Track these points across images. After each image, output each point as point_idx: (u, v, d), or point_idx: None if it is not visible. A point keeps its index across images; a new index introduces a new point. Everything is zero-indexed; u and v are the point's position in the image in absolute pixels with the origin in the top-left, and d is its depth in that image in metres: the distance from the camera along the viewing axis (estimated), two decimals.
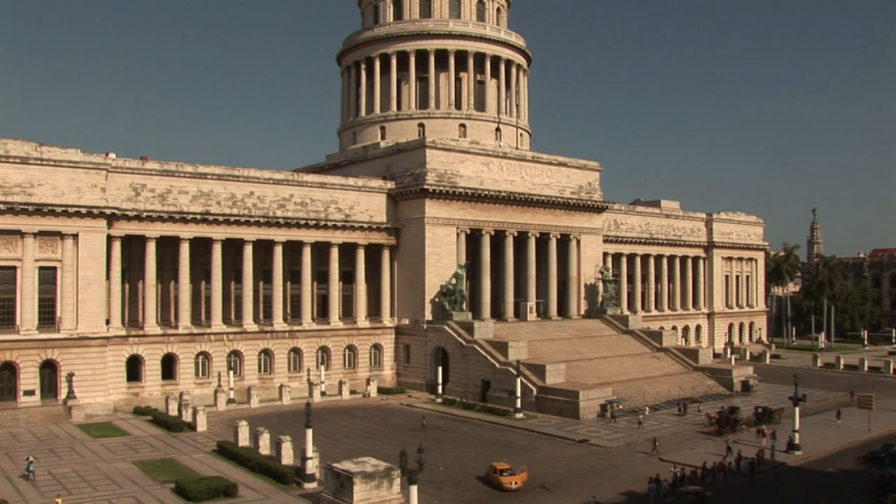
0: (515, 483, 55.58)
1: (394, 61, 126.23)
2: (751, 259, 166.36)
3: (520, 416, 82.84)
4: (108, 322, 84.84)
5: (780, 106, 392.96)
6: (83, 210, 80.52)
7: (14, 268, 78.73)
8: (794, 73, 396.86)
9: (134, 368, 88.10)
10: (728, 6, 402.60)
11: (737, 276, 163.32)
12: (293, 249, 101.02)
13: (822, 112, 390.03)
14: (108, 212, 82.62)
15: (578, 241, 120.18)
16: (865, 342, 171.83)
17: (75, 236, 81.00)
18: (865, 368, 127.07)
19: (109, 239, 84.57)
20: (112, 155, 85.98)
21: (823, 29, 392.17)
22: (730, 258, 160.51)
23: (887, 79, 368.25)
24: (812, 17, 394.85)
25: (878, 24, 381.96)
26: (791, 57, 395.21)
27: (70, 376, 79.25)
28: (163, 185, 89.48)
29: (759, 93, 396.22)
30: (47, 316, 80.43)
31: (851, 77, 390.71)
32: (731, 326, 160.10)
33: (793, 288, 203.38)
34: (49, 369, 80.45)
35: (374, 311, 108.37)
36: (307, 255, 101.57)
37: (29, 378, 78.93)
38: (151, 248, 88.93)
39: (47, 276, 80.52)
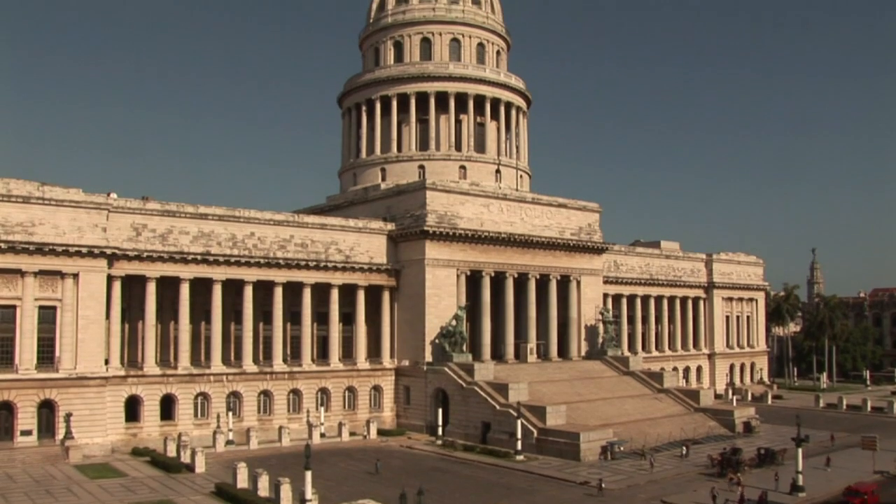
0: None
1: (394, 103, 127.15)
2: (751, 299, 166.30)
3: (520, 458, 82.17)
4: (107, 362, 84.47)
5: (780, 146, 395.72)
6: (84, 249, 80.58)
7: (14, 307, 78.56)
8: (792, 112, 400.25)
9: (132, 409, 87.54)
10: (726, 47, 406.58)
11: (737, 317, 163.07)
12: (293, 290, 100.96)
13: (822, 152, 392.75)
14: (108, 251, 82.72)
15: (579, 283, 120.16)
16: (868, 382, 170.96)
17: (76, 276, 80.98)
18: (868, 409, 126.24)
19: (110, 279, 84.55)
20: (114, 195, 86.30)
21: (821, 68, 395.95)
22: (730, 298, 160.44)
23: (886, 118, 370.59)
24: (810, 56, 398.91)
25: (875, 61, 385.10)
26: (789, 96, 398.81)
27: (68, 416, 78.65)
28: (164, 226, 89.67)
29: (758, 133, 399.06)
30: (46, 355, 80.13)
31: (850, 116, 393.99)
32: (732, 367, 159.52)
33: (794, 328, 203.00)
34: (47, 409, 79.94)
35: (374, 352, 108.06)
36: (307, 296, 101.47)
37: (27, 418, 78.40)
38: (152, 288, 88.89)
39: (47, 316, 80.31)
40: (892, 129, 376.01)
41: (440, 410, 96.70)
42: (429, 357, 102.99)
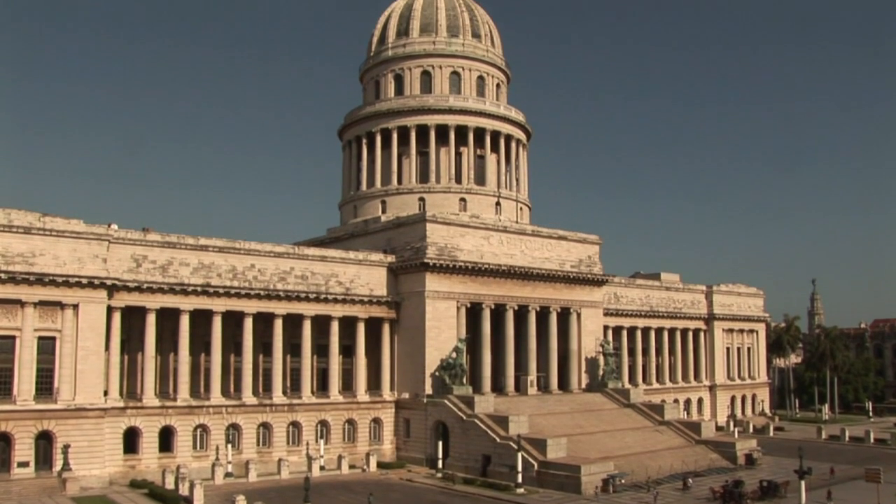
0: None
1: (395, 136, 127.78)
2: (751, 331, 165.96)
3: (521, 490, 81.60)
4: (106, 393, 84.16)
5: (779, 177, 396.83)
6: (84, 280, 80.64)
7: (13, 337, 78.44)
8: (791, 143, 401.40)
9: (131, 440, 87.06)
10: (724, 78, 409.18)
11: (738, 348, 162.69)
12: (293, 322, 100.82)
13: (821, 182, 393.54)
14: (108, 282, 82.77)
15: (579, 315, 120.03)
16: (870, 414, 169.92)
17: (76, 306, 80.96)
18: (871, 440, 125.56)
19: (110, 309, 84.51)
20: (114, 226, 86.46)
21: (818, 100, 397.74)
22: (730, 330, 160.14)
23: (886, 149, 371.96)
24: (808, 87, 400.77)
25: (873, 92, 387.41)
26: (787, 127, 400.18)
27: (66, 448, 78.22)
28: (164, 257, 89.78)
29: (757, 164, 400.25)
30: (45, 386, 79.85)
31: (849, 147, 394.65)
32: (733, 399, 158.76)
33: (794, 359, 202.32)
34: (44, 440, 79.46)
35: (373, 384, 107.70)
36: (307, 328, 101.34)
37: (24, 449, 77.93)
38: (151, 320, 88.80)
39: (46, 346, 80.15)
40: (891, 158, 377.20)
41: (440, 443, 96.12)
42: (429, 389, 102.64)
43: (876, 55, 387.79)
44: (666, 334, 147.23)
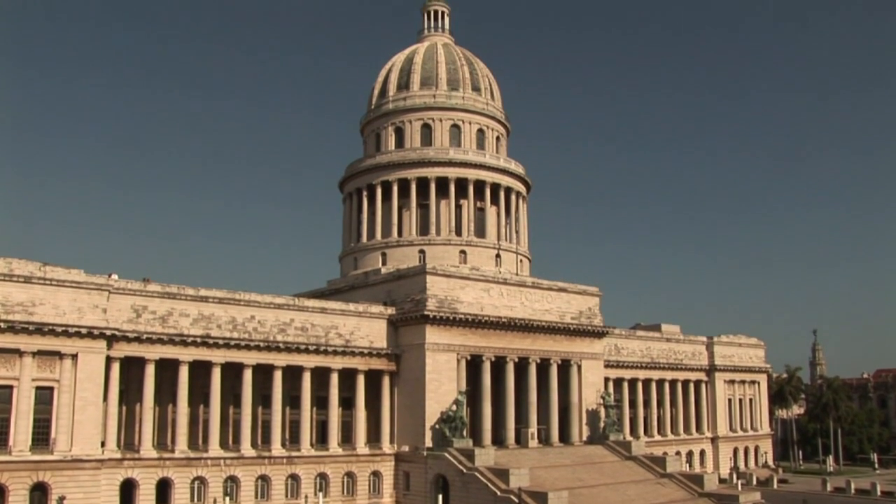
0: None
1: (395, 188, 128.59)
2: (753, 382, 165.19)
3: None
4: (103, 444, 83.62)
5: (778, 228, 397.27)
6: (84, 330, 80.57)
7: (10, 387, 77.99)
8: (790, 194, 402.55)
9: (128, 492, 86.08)
10: (723, 129, 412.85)
11: (739, 400, 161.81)
12: (293, 374, 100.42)
13: (821, 233, 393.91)
14: (108, 333, 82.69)
15: (579, 367, 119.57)
16: (876, 465, 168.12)
17: (74, 356, 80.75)
18: (878, 493, 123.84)
19: (108, 360, 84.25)
20: (115, 276, 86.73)
21: (816, 151, 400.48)
22: (732, 381, 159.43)
23: (885, 198, 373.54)
24: (806, 137, 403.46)
25: (873, 143, 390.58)
26: (786, 178, 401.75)
27: (61, 500, 77.31)
28: (164, 308, 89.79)
29: (757, 215, 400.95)
30: (41, 437, 79.15)
31: (849, 197, 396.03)
32: (735, 450, 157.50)
33: (797, 410, 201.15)
34: (39, 492, 78.49)
35: (373, 437, 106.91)
36: (307, 380, 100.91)
37: (18, 501, 76.93)
38: (150, 371, 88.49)
39: (43, 396, 79.66)
40: (892, 208, 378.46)
41: (440, 496, 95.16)
42: (429, 442, 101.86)
43: (873, 113, 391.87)
44: (667, 386, 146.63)
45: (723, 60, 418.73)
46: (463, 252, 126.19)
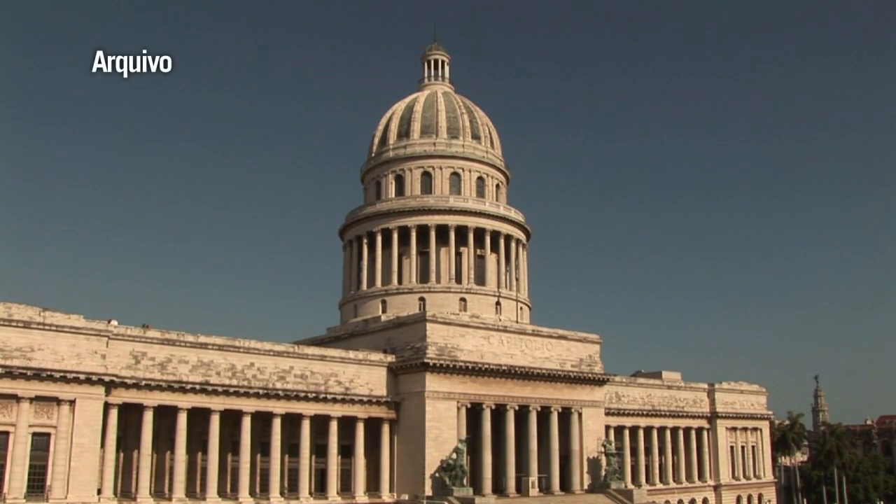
0: None
1: (395, 236, 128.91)
2: (755, 429, 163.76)
3: None
4: (99, 491, 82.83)
5: (779, 274, 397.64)
6: (82, 376, 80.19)
7: (7, 433, 77.35)
8: (791, 238, 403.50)
9: None
10: (722, 175, 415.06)
11: (742, 447, 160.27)
12: (292, 422, 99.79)
13: (822, 278, 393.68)
14: (107, 379, 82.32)
15: (580, 415, 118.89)
16: None
17: (72, 402, 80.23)
18: None
19: (106, 406, 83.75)
20: (114, 322, 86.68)
21: (816, 195, 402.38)
22: (734, 428, 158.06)
23: (887, 242, 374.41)
24: (805, 183, 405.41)
25: (873, 185, 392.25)
26: (786, 225, 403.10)
27: None
28: (163, 354, 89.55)
29: (757, 262, 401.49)
30: (36, 483, 78.21)
31: (850, 241, 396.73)
32: (738, 498, 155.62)
33: (800, 457, 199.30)
34: None
35: (372, 485, 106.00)
36: (306, 427, 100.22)
37: None
38: (148, 417, 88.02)
39: (40, 443, 78.92)
40: (892, 250, 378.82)
41: None
42: (429, 491, 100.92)
43: (872, 163, 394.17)
44: (668, 433, 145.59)
45: (722, 110, 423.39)
46: (463, 299, 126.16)
